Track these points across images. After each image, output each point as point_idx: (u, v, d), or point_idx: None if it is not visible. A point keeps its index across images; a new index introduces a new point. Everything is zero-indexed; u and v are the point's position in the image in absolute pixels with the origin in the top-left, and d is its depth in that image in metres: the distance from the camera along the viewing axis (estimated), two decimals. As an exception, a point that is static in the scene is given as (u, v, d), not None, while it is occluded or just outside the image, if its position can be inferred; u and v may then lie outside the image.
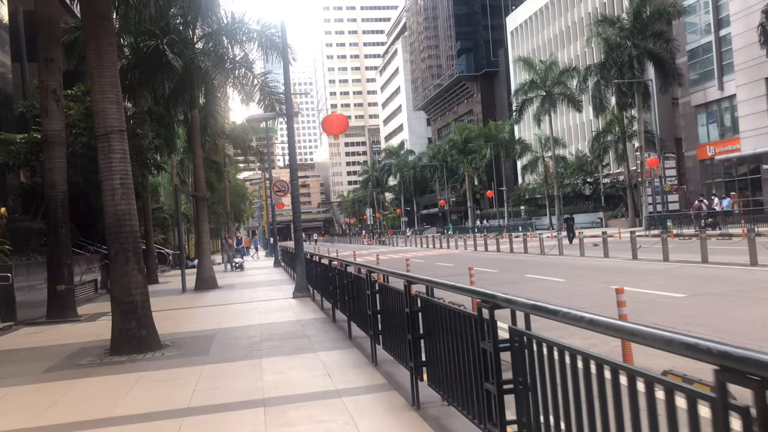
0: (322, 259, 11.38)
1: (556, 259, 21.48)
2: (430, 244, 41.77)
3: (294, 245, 14.27)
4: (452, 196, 78.81)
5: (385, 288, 6.08)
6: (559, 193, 51.25)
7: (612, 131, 45.12)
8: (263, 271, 27.19)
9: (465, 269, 20.30)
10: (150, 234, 23.44)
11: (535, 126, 67.40)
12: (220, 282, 20.20)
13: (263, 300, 14.12)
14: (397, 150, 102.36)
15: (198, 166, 18.70)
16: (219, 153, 41.47)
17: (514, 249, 27.58)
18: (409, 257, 27.81)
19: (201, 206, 18.56)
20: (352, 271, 7.99)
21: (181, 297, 16.73)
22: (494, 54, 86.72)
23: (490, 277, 16.69)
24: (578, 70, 49.67)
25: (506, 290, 3.53)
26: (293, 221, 14.12)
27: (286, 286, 17.73)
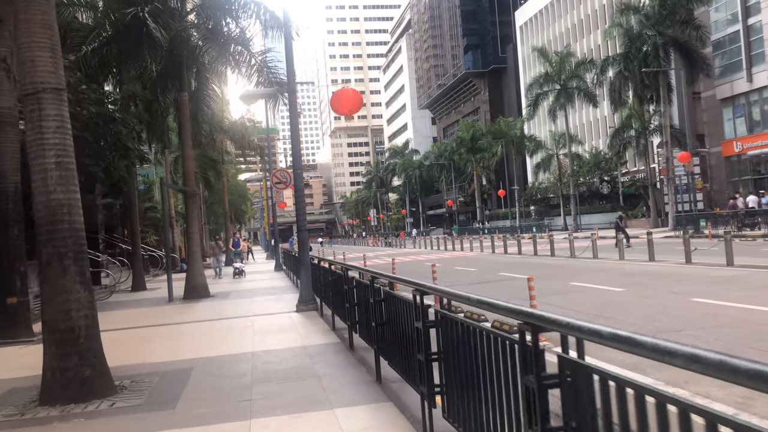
0: (334, 266, 8.98)
1: (594, 263, 19.03)
2: (440, 245, 39.34)
3: (297, 247, 11.86)
4: (460, 196, 76.32)
5: (451, 321, 3.66)
6: (575, 192, 48.78)
7: (632, 126, 42.61)
8: (263, 276, 24.76)
9: (491, 274, 17.91)
10: (137, 235, 21.05)
11: (547, 122, 65.25)
12: (213, 290, 17.78)
13: (261, 314, 11.70)
14: (401, 149, 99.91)
15: (187, 157, 16.30)
16: (217, 149, 39.07)
17: (538, 251, 25.11)
18: (424, 260, 25.42)
19: (191, 203, 16.16)
20: (384, 287, 5.59)
21: (165, 309, 14.32)
22: (502, 50, 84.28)
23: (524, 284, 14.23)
24: (594, 63, 47.21)
25: (555, 302, 1.26)
26: (297, 220, 11.73)
27: (288, 295, 15.31)
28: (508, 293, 13.05)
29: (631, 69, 36.89)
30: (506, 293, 13.13)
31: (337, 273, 8.63)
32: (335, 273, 8.78)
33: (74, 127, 14.27)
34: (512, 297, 12.52)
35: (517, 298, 12.54)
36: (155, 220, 35.46)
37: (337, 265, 8.79)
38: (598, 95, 49.48)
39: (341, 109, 11.17)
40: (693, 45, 35.81)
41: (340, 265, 8.54)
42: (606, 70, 43.33)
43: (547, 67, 48.37)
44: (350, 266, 7.55)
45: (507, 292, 13.45)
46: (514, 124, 61.52)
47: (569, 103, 48.44)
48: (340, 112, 11.28)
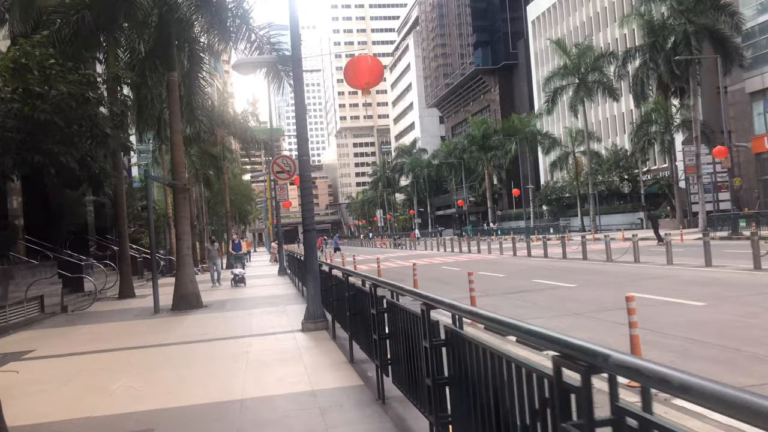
0: (352, 278, 6.77)
1: (639, 268, 16.77)
2: (454, 247, 37.06)
3: (303, 250, 9.69)
4: (470, 196, 73.98)
5: None
6: (594, 192, 46.41)
7: (656, 121, 40.23)
8: (266, 281, 22.57)
9: (523, 281, 15.60)
10: (124, 236, 18.90)
11: (563, 119, 62.91)
12: (207, 298, 15.61)
13: (259, 333, 9.50)
14: (409, 148, 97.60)
15: (176, 145, 14.11)
16: (218, 146, 36.93)
17: (565, 254, 22.85)
18: (439, 263, 23.06)
19: (180, 199, 13.98)
20: (454, 328, 3.40)
21: (147, 323, 12.14)
22: (513, 46, 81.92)
23: (578, 295, 12.00)
24: (615, 55, 44.84)
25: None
26: (303, 218, 9.55)
27: (293, 306, 13.12)
28: (553, 306, 10.83)
29: (657, 60, 34.52)
30: (550, 306, 10.91)
31: (354, 287, 6.43)
32: (352, 287, 6.58)
33: (42, 110, 12.12)
34: (561, 312, 10.35)
35: (567, 314, 10.36)
36: (152, 220, 33.36)
37: (357, 277, 6.58)
38: (619, 89, 47.12)
39: (357, 80, 9.01)
40: (726, 33, 33.46)
41: (363, 278, 6.34)
42: (628, 63, 41.01)
43: (565, 59, 46.00)
44: (379, 281, 5.34)
45: (551, 303, 11.22)
46: (528, 121, 59.10)
47: (589, 98, 46.07)
48: (355, 84, 9.11)
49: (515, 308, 10.98)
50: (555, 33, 67.58)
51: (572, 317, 9.68)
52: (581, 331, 8.47)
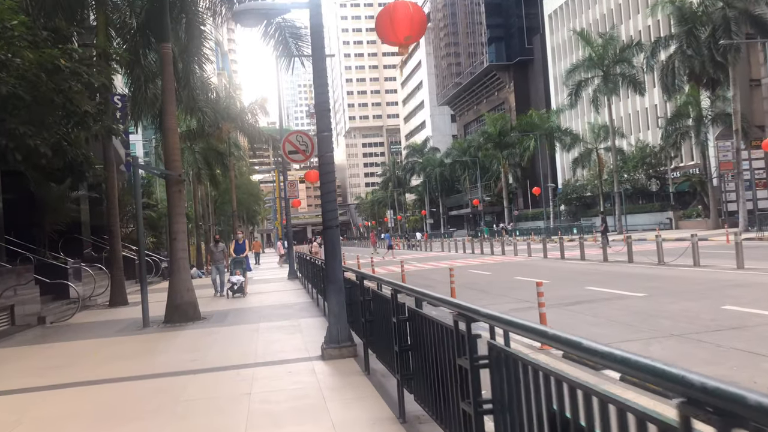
0: (409, 299, 4.56)
1: (706, 273, 14.47)
2: (474, 248, 34.75)
3: (324, 253, 7.52)
4: (485, 196, 71.61)
5: None
6: (620, 190, 43.99)
7: (688, 115, 37.77)
8: (274, 286, 20.42)
9: (576, 289, 13.26)
10: (116, 236, 16.79)
11: (584, 114, 60.35)
12: (207, 307, 13.47)
13: (265, 362, 7.31)
14: (420, 147, 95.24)
15: (169, 129, 11.95)
16: (224, 141, 34.82)
17: (605, 256, 20.53)
18: (463, 265, 20.56)
19: (174, 191, 11.81)
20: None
21: (130, 341, 9.98)
22: (528, 41, 79.47)
23: (657, 307, 9.70)
24: (643, 45, 42.47)
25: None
26: (323, 211, 7.36)
27: (307, 319, 10.94)
28: (634, 323, 8.46)
29: (695, 47, 32.14)
30: (630, 322, 8.51)
31: (418, 314, 4.22)
32: (412, 313, 4.38)
33: (2, 81, 9.97)
34: (651, 332, 7.88)
35: (660, 334, 7.99)
36: (153, 219, 31.31)
37: (410, 294, 4.37)
38: (645, 82, 44.71)
39: (395, 34, 6.83)
40: (769, 18, 31.11)
41: (419, 296, 4.15)
42: (657, 53, 38.64)
43: (589, 51, 43.62)
44: (469, 311, 3.12)
45: (629, 319, 8.93)
46: (547, 117, 56.64)
47: (613, 92, 43.68)
48: (392, 39, 6.93)
49: (589, 326, 8.75)
50: (573, 26, 65.11)
51: (671, 340, 7.44)
52: (698, 362, 6.25)
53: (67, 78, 10.23)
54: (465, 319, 2.91)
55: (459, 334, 3.07)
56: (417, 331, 4.27)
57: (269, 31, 13.20)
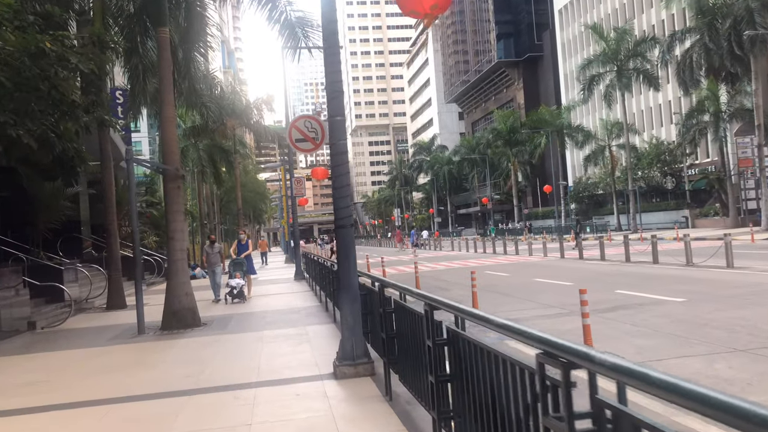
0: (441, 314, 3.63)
1: (748, 275, 13.45)
2: (485, 247, 33.74)
3: (336, 255, 6.61)
4: (494, 194, 70.54)
5: None
6: (634, 188, 42.88)
7: (707, 110, 36.61)
8: (280, 287, 19.52)
9: (602, 293, 12.07)
10: (114, 235, 15.92)
11: (595, 111, 59.18)
12: (207, 312, 12.57)
13: (270, 380, 6.39)
14: (428, 145, 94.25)
15: (167, 119, 11.04)
16: (228, 137, 33.97)
17: (628, 256, 19.50)
18: (477, 265, 19.34)
19: (172, 187, 10.90)
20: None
21: (122, 351, 9.08)
22: (538, 37, 78.28)
23: (704, 315, 8.68)
24: (658, 39, 41.33)
25: None
26: (335, 208, 6.44)
27: (315, 326, 10.02)
28: (684, 333, 7.25)
29: (717, 39, 31.04)
30: (679, 333, 7.16)
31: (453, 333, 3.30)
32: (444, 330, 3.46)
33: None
34: (711, 345, 6.67)
35: (724, 349, 6.66)
36: (156, 218, 30.47)
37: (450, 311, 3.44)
38: (660, 77, 43.57)
39: (420, 3, 5.90)
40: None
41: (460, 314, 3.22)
42: (673, 47, 37.54)
43: (602, 45, 42.54)
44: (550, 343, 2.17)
45: (677, 329, 7.81)
46: (558, 113, 55.49)
47: (627, 88, 42.56)
48: (416, 8, 5.99)
49: (631, 337, 7.77)
50: (585, 22, 63.95)
51: (737, 356, 6.43)
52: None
53: (53, 63, 9.32)
54: (559, 365, 1.97)
55: (543, 375, 2.13)
56: (460, 357, 3.35)
57: (274, 16, 12.28)
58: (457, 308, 3.40)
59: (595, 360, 1.71)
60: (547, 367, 2.09)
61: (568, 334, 7.70)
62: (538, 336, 2.04)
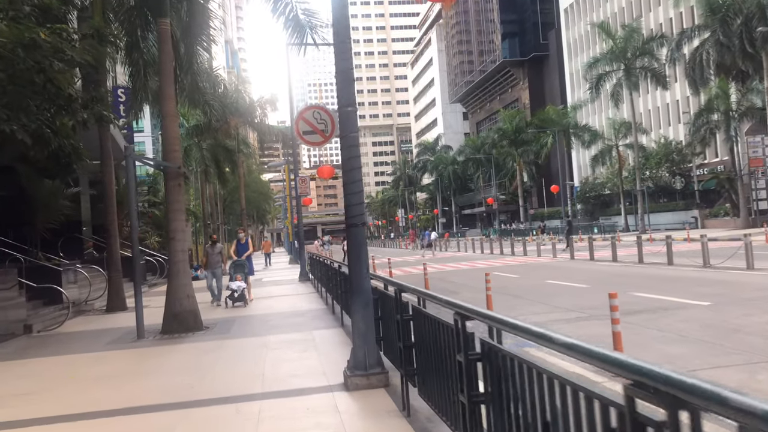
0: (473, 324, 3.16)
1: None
2: (492, 248, 33.23)
3: (347, 255, 6.16)
4: (499, 194, 69.99)
5: None
6: (642, 188, 42.33)
7: (717, 109, 36.04)
8: (284, 289, 19.08)
9: (619, 296, 11.62)
10: (113, 235, 15.52)
11: (602, 110, 58.56)
12: (210, 315, 12.13)
13: (276, 391, 5.93)
14: (432, 145, 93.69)
15: (168, 115, 10.61)
16: (232, 135, 33.56)
17: (641, 257, 18.99)
18: (484, 267, 18.69)
19: (173, 185, 10.47)
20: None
21: (119, 357, 8.64)
22: (543, 36, 77.73)
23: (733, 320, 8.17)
24: (666, 37, 40.83)
25: None
26: (346, 205, 6.00)
27: (322, 331, 9.58)
28: (716, 339, 6.67)
29: (729, 35, 30.52)
30: (708, 338, 6.56)
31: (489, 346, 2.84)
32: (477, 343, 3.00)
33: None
34: (746, 355, 6.38)
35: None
36: (158, 218, 30.06)
37: (481, 318, 2.98)
38: (669, 76, 43.05)
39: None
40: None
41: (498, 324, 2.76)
42: (682, 45, 37.04)
43: (609, 44, 42.02)
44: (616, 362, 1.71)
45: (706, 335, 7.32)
46: (565, 113, 54.93)
47: (635, 87, 42.00)
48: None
49: (659, 344, 7.31)
50: (591, 20, 63.42)
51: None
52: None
53: (47, 55, 8.89)
54: (663, 402, 1.51)
55: (633, 412, 1.67)
56: (499, 376, 2.89)
57: (279, 7, 11.83)
58: (491, 317, 2.94)
59: (731, 403, 1.24)
60: (638, 402, 1.63)
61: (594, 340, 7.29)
62: (636, 366, 1.57)
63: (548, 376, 2.31)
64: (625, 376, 1.64)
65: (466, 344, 3.18)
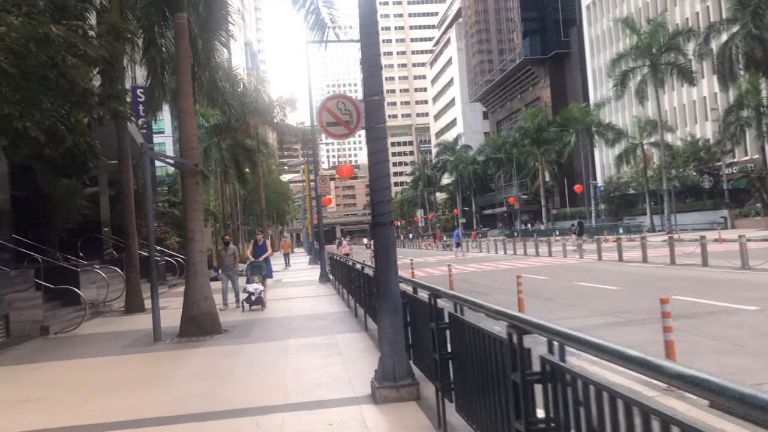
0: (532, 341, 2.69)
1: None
2: (516, 249, 32.58)
3: (374, 257, 5.71)
4: (520, 194, 69.10)
5: None
6: (669, 187, 41.34)
7: (748, 105, 35.00)
8: (304, 290, 18.69)
9: (656, 299, 11.01)
10: (132, 235, 15.24)
11: (625, 108, 57.52)
12: (226, 319, 11.76)
13: (297, 403, 5.50)
14: (452, 144, 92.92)
15: (185, 111, 10.27)
16: (251, 135, 33.32)
17: (673, 259, 18.27)
18: (507, 268, 18.04)
19: (190, 183, 10.12)
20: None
21: (134, 362, 8.28)
22: (565, 34, 76.65)
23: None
24: (694, 32, 39.81)
25: None
26: (372, 202, 5.56)
27: (345, 335, 9.15)
28: None
29: (761, 27, 29.57)
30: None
31: (554, 366, 2.37)
32: (539, 363, 2.53)
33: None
34: None
35: None
36: (178, 218, 29.92)
37: (541, 332, 2.51)
38: (695, 72, 42.00)
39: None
40: None
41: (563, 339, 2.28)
42: (710, 40, 36.06)
43: (634, 39, 41.10)
44: None
45: (763, 344, 6.82)
46: (588, 111, 53.96)
47: (660, 84, 41.02)
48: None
49: (714, 354, 6.74)
50: (614, 16, 62.36)
51: None
52: None
53: (60, 50, 8.57)
54: None
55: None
56: (562, 400, 2.42)
57: (299, 0, 11.42)
58: (555, 331, 2.47)
59: None
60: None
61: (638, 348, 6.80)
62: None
63: (643, 410, 1.84)
64: None
65: (522, 362, 2.71)
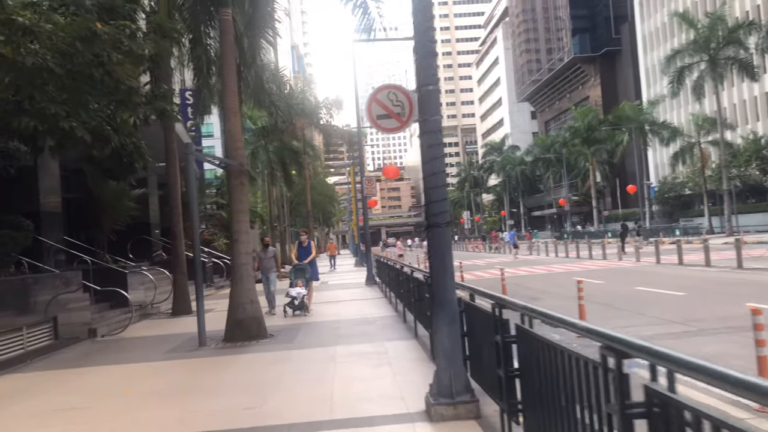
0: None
1: None
2: (568, 252, 31.54)
3: (428, 261, 5.28)
4: (571, 195, 67.38)
5: None
6: (729, 187, 39.45)
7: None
8: (350, 293, 18.36)
9: (724, 304, 10.16)
10: (179, 237, 15.19)
11: (680, 106, 55.36)
12: (271, 323, 11.49)
13: (344, 419, 5.11)
14: (499, 145, 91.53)
15: (230, 110, 10.04)
16: (298, 137, 33.30)
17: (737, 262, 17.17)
18: (561, 272, 17.18)
19: (236, 184, 9.88)
20: None
21: (178, 368, 8.05)
22: (616, 31, 74.46)
23: None
24: (756, 25, 37.90)
25: None
26: (426, 200, 5.11)
27: (395, 342, 8.73)
28: None
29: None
30: None
31: (662, 398, 1.88)
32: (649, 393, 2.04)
33: (30, 51, 8.17)
34: None
35: None
36: (226, 220, 30.08)
37: (644, 356, 2.02)
38: (758, 66, 39.97)
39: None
40: None
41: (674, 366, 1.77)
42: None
43: (692, 34, 39.40)
44: None
45: None
46: (642, 109, 52.12)
47: (719, 80, 39.17)
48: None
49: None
50: (669, 11, 60.15)
51: None
52: None
53: (105, 47, 8.43)
54: None
55: None
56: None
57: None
58: (661, 355, 1.98)
59: None
60: None
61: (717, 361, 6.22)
62: None
63: None
64: None
65: (622, 392, 2.22)
